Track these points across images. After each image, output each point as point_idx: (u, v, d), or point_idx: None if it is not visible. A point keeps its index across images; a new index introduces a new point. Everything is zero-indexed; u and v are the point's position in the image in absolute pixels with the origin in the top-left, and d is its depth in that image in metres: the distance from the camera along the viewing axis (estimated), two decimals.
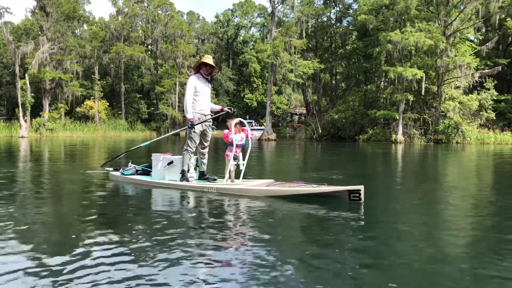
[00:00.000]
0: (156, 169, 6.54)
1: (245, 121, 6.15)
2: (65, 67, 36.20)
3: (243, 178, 6.09)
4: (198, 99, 5.99)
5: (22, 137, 31.26)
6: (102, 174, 7.72)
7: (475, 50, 30.26)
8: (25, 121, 33.01)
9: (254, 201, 5.10)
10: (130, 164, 7.13)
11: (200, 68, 6.15)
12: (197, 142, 6.09)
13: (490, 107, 29.93)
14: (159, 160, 6.48)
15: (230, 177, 5.97)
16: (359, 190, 4.92)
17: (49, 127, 33.92)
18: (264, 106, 38.75)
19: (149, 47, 51.66)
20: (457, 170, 11.02)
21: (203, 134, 6.13)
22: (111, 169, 7.37)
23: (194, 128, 5.95)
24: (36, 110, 37.21)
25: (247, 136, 6.09)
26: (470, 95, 29.60)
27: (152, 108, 46.62)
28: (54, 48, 33.61)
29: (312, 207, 4.71)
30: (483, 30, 36.70)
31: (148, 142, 7.63)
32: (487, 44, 30.14)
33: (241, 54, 58.52)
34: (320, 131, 32.75)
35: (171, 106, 43.04)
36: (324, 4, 36.64)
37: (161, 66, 45.86)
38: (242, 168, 5.99)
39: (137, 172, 6.88)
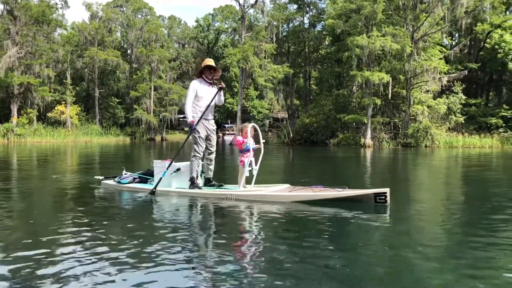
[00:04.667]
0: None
1: (257, 126, 6.09)
2: (37, 72, 35.67)
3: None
4: (200, 103, 5.89)
5: None
6: (71, 182, 7.75)
7: (444, 55, 30.47)
8: None
9: (275, 206, 5.06)
10: (124, 172, 6.77)
11: (202, 72, 6.06)
12: (204, 146, 5.96)
13: (458, 110, 30.09)
14: (163, 167, 6.08)
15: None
16: (385, 192, 4.89)
17: (18, 132, 33.34)
18: (246, 110, 38.57)
19: (128, 51, 51.29)
20: (427, 172, 11.03)
21: (207, 140, 6.02)
22: (101, 177, 7.01)
23: (199, 132, 5.85)
24: (8, 116, 36.58)
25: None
26: (438, 99, 29.76)
27: (130, 113, 46.18)
28: (21, 52, 33.11)
29: (334, 211, 4.72)
30: (456, 35, 37.07)
31: (166, 171, 6.11)
32: (454, 48, 30.45)
33: (222, 59, 58.35)
34: (292, 135, 32.65)
35: (146, 111, 42.66)
36: (297, 9, 36.69)
37: (139, 70, 45.46)
38: (255, 173, 5.89)
39: (134, 180, 6.62)
